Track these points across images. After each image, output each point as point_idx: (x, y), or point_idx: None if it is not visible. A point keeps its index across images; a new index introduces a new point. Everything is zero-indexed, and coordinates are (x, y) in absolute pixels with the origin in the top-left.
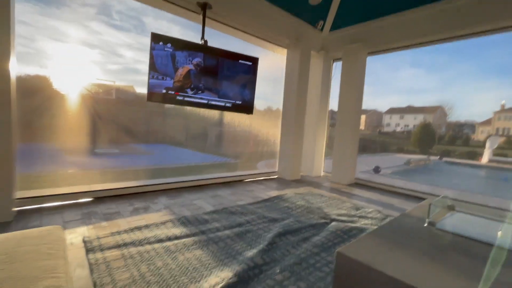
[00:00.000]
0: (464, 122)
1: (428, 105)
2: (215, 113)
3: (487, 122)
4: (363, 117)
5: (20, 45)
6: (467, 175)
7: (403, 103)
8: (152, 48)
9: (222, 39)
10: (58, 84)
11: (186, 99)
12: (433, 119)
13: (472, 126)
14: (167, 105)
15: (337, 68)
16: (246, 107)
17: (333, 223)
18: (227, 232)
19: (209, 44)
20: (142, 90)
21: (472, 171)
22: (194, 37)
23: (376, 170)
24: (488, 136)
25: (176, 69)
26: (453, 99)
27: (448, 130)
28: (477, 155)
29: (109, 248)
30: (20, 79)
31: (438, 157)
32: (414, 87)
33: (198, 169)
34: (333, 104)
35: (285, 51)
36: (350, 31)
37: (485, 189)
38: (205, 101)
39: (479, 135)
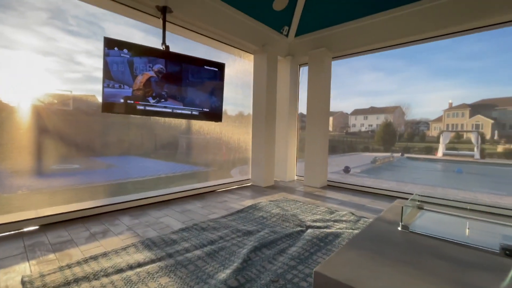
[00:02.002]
0: (420, 120)
1: (388, 106)
2: (182, 121)
3: (439, 120)
4: (330, 119)
5: None
6: (426, 169)
7: (366, 105)
8: (106, 55)
9: (186, 44)
10: (5, 96)
11: (148, 108)
12: (393, 119)
13: (426, 124)
14: (132, 115)
15: (304, 73)
16: (214, 115)
17: (309, 231)
18: (197, 252)
19: (172, 49)
20: None
21: (430, 165)
22: (157, 43)
23: (346, 170)
24: (441, 132)
25: (135, 77)
26: (409, 99)
27: (407, 128)
28: (433, 150)
29: (55, 287)
30: None
31: (400, 153)
32: (375, 89)
33: (167, 181)
34: (302, 107)
35: (251, 56)
36: (315, 36)
37: (443, 181)
38: (169, 110)
39: (433, 132)
